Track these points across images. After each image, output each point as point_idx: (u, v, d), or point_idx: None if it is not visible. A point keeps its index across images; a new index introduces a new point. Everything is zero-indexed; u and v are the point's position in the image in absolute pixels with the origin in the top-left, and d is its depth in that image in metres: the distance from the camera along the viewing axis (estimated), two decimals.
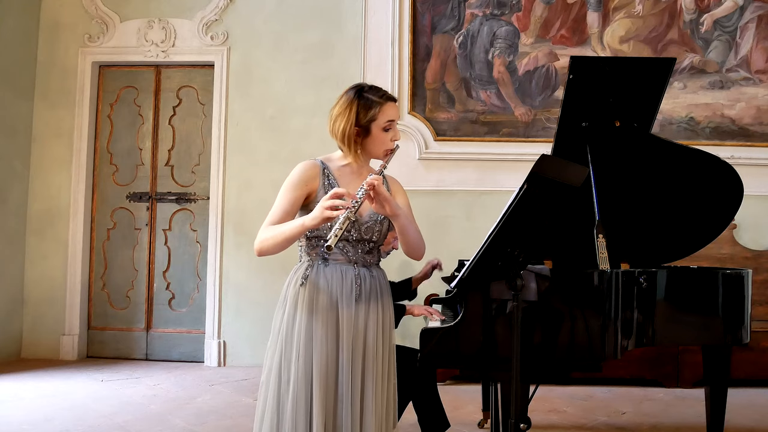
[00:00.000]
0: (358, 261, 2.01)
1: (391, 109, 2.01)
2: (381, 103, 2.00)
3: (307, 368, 1.91)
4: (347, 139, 1.99)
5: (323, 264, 1.98)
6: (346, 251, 1.99)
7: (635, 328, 2.60)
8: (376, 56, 5.19)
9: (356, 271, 1.99)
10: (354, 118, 1.98)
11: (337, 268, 1.98)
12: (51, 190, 5.36)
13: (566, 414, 3.90)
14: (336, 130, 2.01)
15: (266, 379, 1.98)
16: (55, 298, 5.28)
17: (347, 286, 1.96)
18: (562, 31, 5.16)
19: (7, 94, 5.17)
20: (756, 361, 4.39)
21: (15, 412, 3.81)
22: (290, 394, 1.91)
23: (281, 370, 1.94)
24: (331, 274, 1.97)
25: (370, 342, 1.97)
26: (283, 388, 1.93)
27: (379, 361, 1.98)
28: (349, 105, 1.99)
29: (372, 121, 1.98)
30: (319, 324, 1.93)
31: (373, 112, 1.98)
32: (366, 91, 2.02)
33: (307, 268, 1.98)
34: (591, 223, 2.82)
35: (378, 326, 2.00)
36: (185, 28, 5.36)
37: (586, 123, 2.95)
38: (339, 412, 1.90)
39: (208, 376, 4.81)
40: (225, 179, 5.25)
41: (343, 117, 1.99)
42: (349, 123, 1.98)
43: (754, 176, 4.40)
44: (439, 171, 5.12)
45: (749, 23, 5.08)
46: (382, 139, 2.01)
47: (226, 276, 5.21)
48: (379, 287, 2.04)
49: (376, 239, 2.04)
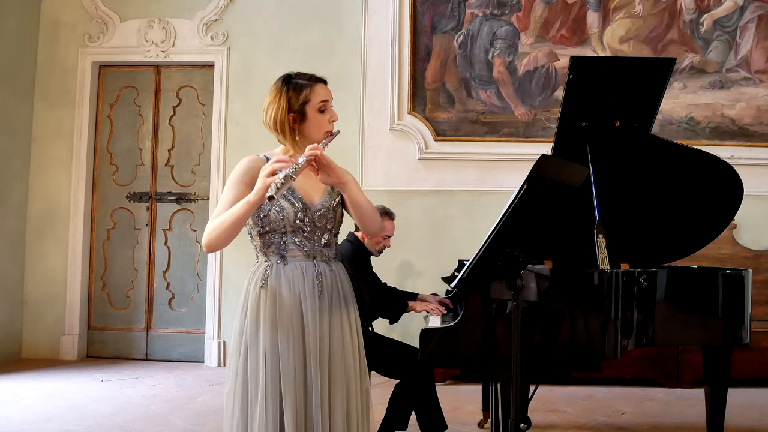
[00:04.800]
0: (317, 255, 1.95)
1: (322, 90, 1.98)
2: (311, 84, 1.97)
3: (275, 375, 1.86)
4: (281, 127, 1.95)
5: (282, 262, 1.93)
6: (303, 246, 1.93)
7: (635, 328, 2.60)
8: (376, 56, 5.19)
9: (316, 267, 1.94)
10: (285, 104, 1.94)
11: (296, 265, 1.92)
12: (51, 190, 5.36)
13: (566, 414, 3.90)
14: (269, 121, 1.97)
15: (231, 388, 1.92)
16: (55, 298, 5.28)
17: (309, 284, 1.91)
18: (562, 31, 5.16)
19: (7, 94, 5.17)
20: (756, 361, 4.38)
21: (15, 412, 3.81)
22: (258, 401, 1.86)
23: (248, 378, 1.89)
24: (292, 273, 1.92)
25: (336, 342, 1.92)
26: (251, 396, 1.88)
27: (349, 358, 1.94)
28: (279, 92, 1.96)
29: (305, 104, 1.95)
30: (284, 333, 1.88)
31: (304, 93, 1.95)
32: (294, 78, 1.99)
33: (266, 269, 1.93)
34: (591, 223, 2.82)
35: (344, 324, 1.96)
36: (185, 28, 5.36)
37: (586, 123, 2.95)
38: (311, 416, 1.86)
39: (208, 376, 4.81)
40: (225, 179, 5.22)
41: (274, 104, 1.96)
42: (281, 110, 1.94)
43: (754, 176, 4.41)
44: (439, 171, 5.12)
45: (749, 23, 5.08)
46: (318, 121, 1.96)
47: (226, 276, 5.21)
48: (340, 282, 1.99)
49: (330, 227, 1.98)
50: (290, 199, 1.91)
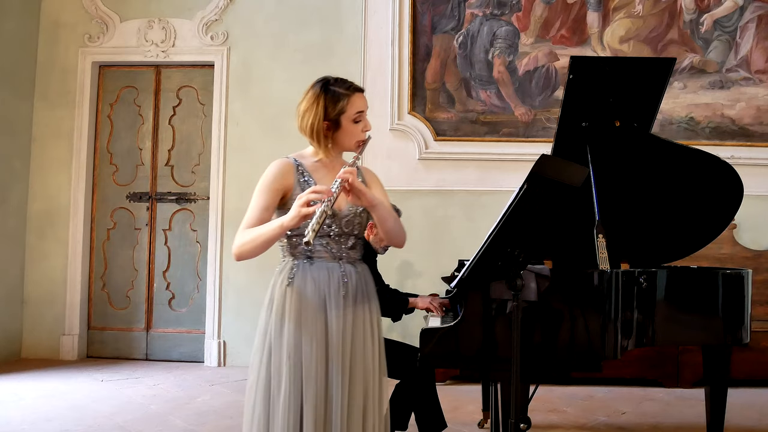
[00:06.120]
0: (343, 257, 1.98)
1: (360, 100, 1.99)
2: (348, 94, 1.97)
3: (297, 373, 1.88)
4: (317, 134, 1.97)
5: (308, 262, 1.95)
6: (329, 248, 1.96)
7: (635, 328, 2.60)
8: (376, 56, 5.18)
9: (342, 269, 1.96)
10: (322, 112, 1.95)
11: (323, 265, 1.95)
12: (51, 190, 5.36)
13: (566, 414, 3.90)
14: (305, 126, 1.98)
15: (254, 381, 1.95)
16: (55, 298, 5.28)
17: (334, 285, 1.94)
18: (562, 31, 5.16)
19: (7, 94, 5.17)
20: (756, 361, 4.39)
21: (15, 412, 3.81)
22: (281, 398, 1.88)
23: (271, 374, 1.91)
24: (318, 273, 1.94)
25: (358, 343, 1.95)
26: (274, 392, 1.90)
27: (369, 359, 1.96)
28: (317, 99, 1.96)
29: (341, 114, 1.96)
30: (308, 332, 1.90)
31: (341, 104, 1.95)
32: (332, 84, 1.98)
33: (293, 267, 1.96)
34: (591, 223, 2.82)
35: (366, 325, 1.98)
36: (185, 28, 5.36)
37: (586, 123, 2.95)
38: (330, 415, 1.88)
39: (208, 376, 4.81)
40: (225, 179, 5.25)
41: (311, 112, 1.96)
42: (318, 117, 1.95)
43: (754, 176, 4.40)
44: (439, 171, 5.12)
45: (749, 23, 5.08)
46: (352, 131, 1.98)
47: (226, 276, 5.21)
48: (365, 284, 2.01)
49: (357, 232, 2.00)
50: None
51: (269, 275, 2.05)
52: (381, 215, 1.93)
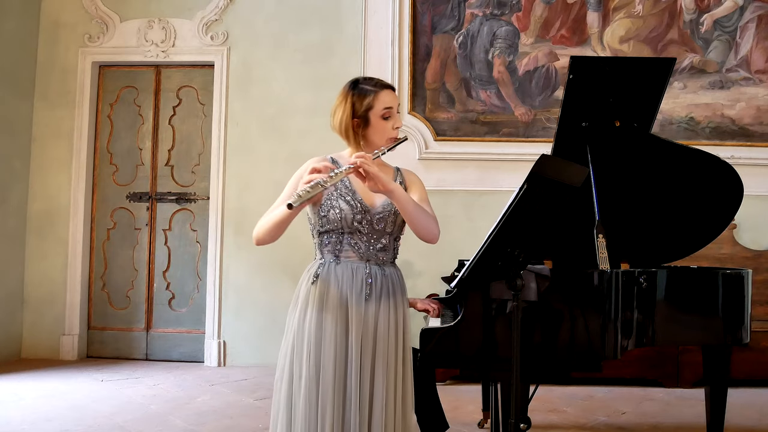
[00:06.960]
0: (371, 258, 1.98)
1: (387, 96, 2.00)
2: (376, 90, 2.00)
3: (317, 366, 1.91)
4: (346, 131, 2.01)
5: (335, 261, 1.97)
6: (357, 248, 1.97)
7: (635, 328, 2.60)
8: (376, 56, 5.18)
9: (367, 269, 1.97)
10: (350, 109, 1.99)
11: (348, 265, 1.96)
12: (51, 190, 5.36)
13: (566, 414, 3.90)
14: (336, 124, 2.03)
15: (279, 376, 1.99)
16: (55, 298, 5.28)
17: (357, 285, 1.95)
18: (562, 31, 5.16)
19: (7, 94, 5.17)
20: (756, 361, 4.39)
21: (15, 412, 3.81)
22: (302, 392, 1.90)
23: (293, 368, 1.94)
24: (342, 272, 1.96)
25: (381, 340, 1.95)
26: (295, 385, 1.93)
27: (392, 359, 1.96)
28: (345, 97, 2.01)
29: (369, 110, 1.98)
30: (329, 320, 1.92)
31: (368, 100, 1.98)
32: (361, 82, 2.03)
33: (319, 266, 1.98)
34: (591, 223, 2.82)
35: (390, 324, 1.97)
36: (185, 28, 5.36)
37: (586, 123, 2.95)
38: (347, 410, 1.90)
39: (208, 376, 4.81)
40: (225, 179, 5.25)
41: (340, 109, 2.01)
42: (346, 114, 1.99)
43: (754, 176, 4.40)
44: (439, 171, 5.12)
45: (749, 23, 5.08)
46: (382, 128, 2.00)
47: (226, 276, 5.20)
48: (392, 285, 2.01)
49: (390, 230, 2.00)
50: (350, 201, 1.95)
51: (269, 275, 2.06)
52: (399, 201, 1.91)
